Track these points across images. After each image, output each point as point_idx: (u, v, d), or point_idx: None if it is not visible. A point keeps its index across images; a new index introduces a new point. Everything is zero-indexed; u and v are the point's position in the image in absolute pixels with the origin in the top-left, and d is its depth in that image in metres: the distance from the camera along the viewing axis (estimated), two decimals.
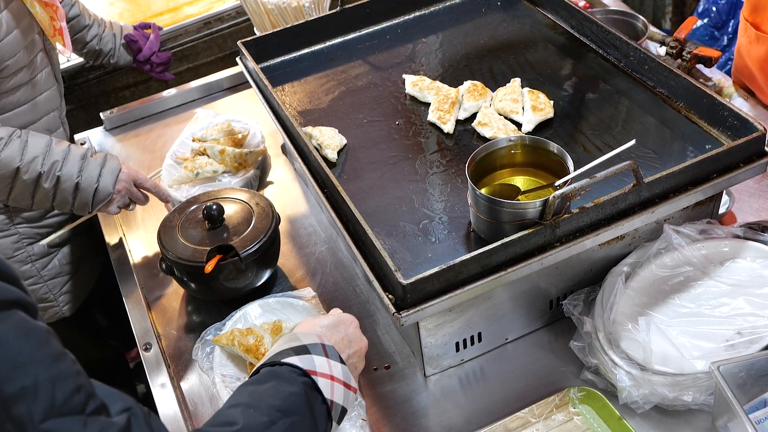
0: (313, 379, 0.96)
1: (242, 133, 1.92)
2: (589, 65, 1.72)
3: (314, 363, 0.98)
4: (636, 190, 1.28)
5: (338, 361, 1.02)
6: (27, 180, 1.56)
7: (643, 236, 1.39)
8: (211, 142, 1.89)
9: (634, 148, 1.29)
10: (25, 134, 1.58)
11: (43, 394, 0.74)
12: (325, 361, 0.99)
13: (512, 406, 1.29)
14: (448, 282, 1.21)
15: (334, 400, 0.98)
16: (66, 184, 1.58)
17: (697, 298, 1.32)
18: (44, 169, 1.56)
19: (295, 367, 0.97)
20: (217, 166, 1.82)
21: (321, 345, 1.02)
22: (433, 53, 1.86)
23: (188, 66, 2.59)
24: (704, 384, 1.20)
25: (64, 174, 1.57)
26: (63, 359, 0.78)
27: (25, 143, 1.56)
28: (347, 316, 1.19)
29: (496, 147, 1.38)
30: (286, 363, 0.97)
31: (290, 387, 0.94)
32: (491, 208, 1.28)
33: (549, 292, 1.37)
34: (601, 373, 1.28)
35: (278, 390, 0.93)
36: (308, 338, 1.03)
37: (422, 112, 1.67)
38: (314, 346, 1.01)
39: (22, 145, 1.56)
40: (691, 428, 1.23)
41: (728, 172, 1.34)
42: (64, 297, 1.95)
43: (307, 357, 0.98)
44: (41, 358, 0.75)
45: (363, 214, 1.30)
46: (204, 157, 1.85)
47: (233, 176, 1.82)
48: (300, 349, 0.99)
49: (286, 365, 0.97)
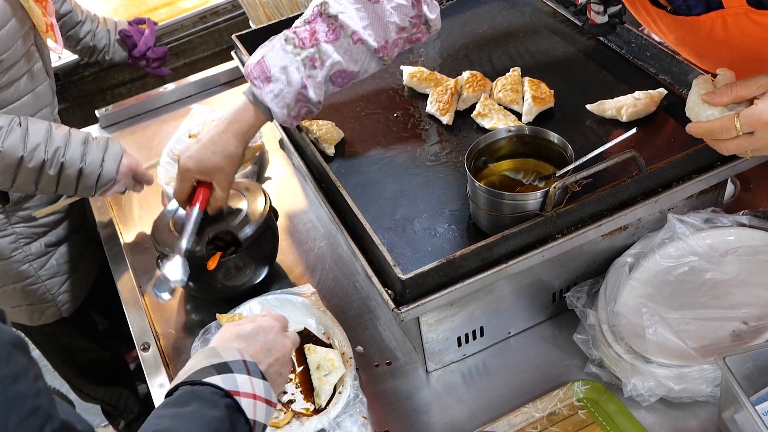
0: (236, 400, 0.94)
1: None
2: (590, 53, 1.70)
3: (237, 383, 0.95)
4: (638, 180, 1.26)
5: (260, 378, 0.99)
6: (31, 168, 1.56)
7: (647, 226, 1.38)
8: None
9: (636, 136, 1.27)
10: (24, 121, 1.58)
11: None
12: (247, 379, 0.96)
13: (516, 400, 1.27)
14: (448, 276, 1.19)
15: (256, 419, 0.96)
16: (70, 170, 1.59)
17: (702, 289, 1.31)
18: (47, 157, 1.56)
19: (218, 388, 0.93)
20: None
21: (243, 362, 0.98)
22: (431, 44, 1.84)
23: (185, 61, 2.57)
24: (710, 375, 1.18)
25: (68, 160, 1.58)
26: (22, 378, 0.74)
27: (26, 131, 1.56)
28: (267, 321, 1.13)
29: (495, 138, 1.36)
30: (208, 383, 0.93)
31: (214, 411, 0.91)
32: (491, 200, 1.26)
33: (551, 284, 1.35)
34: (605, 366, 1.27)
35: (202, 414, 0.90)
36: (229, 354, 0.99)
37: (421, 104, 1.65)
38: (236, 363, 0.97)
39: (24, 133, 1.56)
40: (697, 420, 1.21)
41: (732, 160, 1.32)
42: (62, 297, 1.94)
43: (230, 376, 0.95)
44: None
45: (361, 208, 1.29)
46: None
47: None
48: (221, 367, 0.96)
49: (207, 385, 0.93)
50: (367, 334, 1.44)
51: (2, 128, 1.53)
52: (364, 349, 1.42)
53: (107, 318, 2.33)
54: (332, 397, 1.31)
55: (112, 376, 2.33)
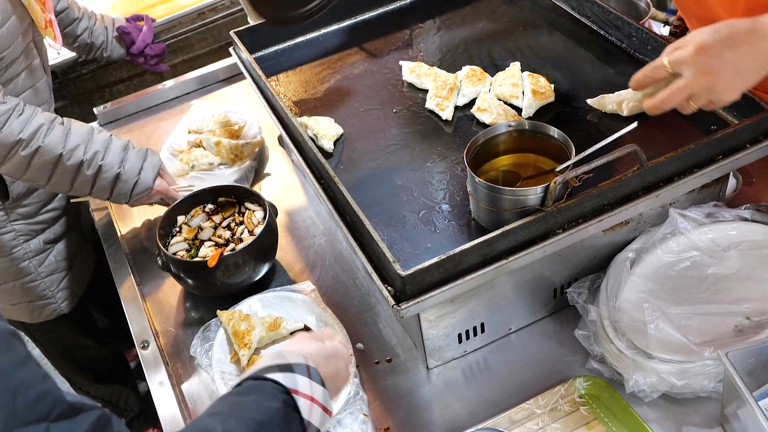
0: (294, 397, 0.97)
1: (239, 124, 1.90)
2: (590, 47, 1.69)
3: (297, 383, 0.98)
4: (640, 174, 1.25)
5: (320, 384, 1.02)
6: (69, 166, 1.56)
7: (648, 221, 1.37)
8: (207, 133, 1.87)
9: (637, 130, 1.26)
10: (67, 121, 1.59)
11: (2, 406, 0.71)
12: (307, 382, 1.00)
13: (517, 397, 1.27)
14: (449, 272, 1.18)
15: (311, 421, 0.98)
16: (107, 174, 1.59)
17: (705, 283, 1.30)
18: (86, 157, 1.57)
19: (278, 384, 0.97)
20: (213, 158, 1.80)
21: (306, 366, 1.02)
22: (430, 39, 1.83)
23: (183, 58, 2.56)
24: (713, 371, 1.17)
25: (107, 164, 1.59)
26: (27, 365, 0.76)
27: (68, 130, 1.57)
28: (343, 349, 1.16)
29: (495, 133, 1.35)
30: (270, 379, 0.97)
31: (271, 402, 0.94)
32: (491, 196, 1.25)
33: (552, 280, 1.35)
34: (607, 362, 1.26)
35: (259, 404, 0.93)
36: (294, 358, 1.03)
37: (420, 99, 1.64)
38: (299, 366, 1.01)
39: (65, 132, 1.56)
40: (699, 416, 1.21)
41: (734, 154, 1.31)
42: (62, 293, 1.94)
43: (291, 375, 0.99)
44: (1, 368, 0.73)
45: (360, 204, 1.28)
46: (200, 150, 1.83)
47: (229, 168, 1.80)
48: (285, 367, 1.00)
49: (269, 381, 0.97)
50: (367, 331, 1.44)
51: (43, 125, 1.54)
52: (364, 346, 1.41)
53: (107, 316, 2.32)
54: None
55: (112, 373, 2.32)
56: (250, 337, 1.36)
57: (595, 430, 1.21)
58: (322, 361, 1.07)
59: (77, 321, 2.06)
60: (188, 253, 1.52)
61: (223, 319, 1.42)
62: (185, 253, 1.52)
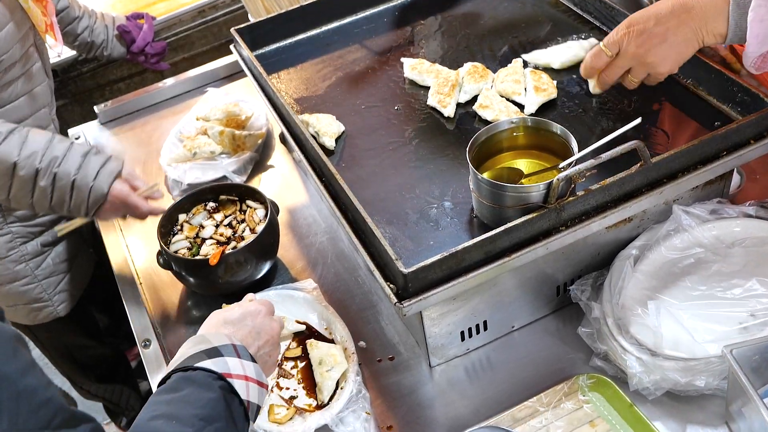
0: (229, 382, 0.95)
1: (246, 114, 1.90)
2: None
3: (228, 365, 0.96)
4: (643, 171, 1.24)
5: (250, 360, 1.01)
6: (24, 176, 1.50)
7: (652, 218, 1.36)
8: (213, 122, 1.87)
9: (640, 127, 1.26)
10: (26, 131, 1.54)
11: (5, 411, 0.71)
12: (238, 362, 0.98)
13: (520, 395, 1.26)
14: (451, 270, 1.17)
15: (250, 400, 0.98)
16: (62, 182, 1.51)
17: (709, 280, 1.29)
18: (41, 166, 1.49)
19: (211, 372, 0.94)
20: (215, 147, 1.81)
21: (232, 346, 1.00)
22: (432, 35, 1.82)
23: (183, 56, 2.55)
24: (717, 368, 1.17)
25: (61, 171, 1.50)
26: (31, 372, 0.76)
27: (24, 138, 1.51)
28: (254, 305, 1.15)
29: (497, 130, 1.34)
30: (200, 367, 0.95)
31: (208, 393, 0.92)
32: (494, 193, 1.24)
33: (555, 277, 1.34)
34: (610, 360, 1.25)
35: (197, 397, 0.92)
36: (218, 339, 1.01)
37: (422, 96, 1.63)
38: (225, 347, 0.99)
39: (22, 140, 1.50)
40: (704, 414, 1.20)
41: (738, 150, 1.31)
42: (58, 296, 1.92)
43: (221, 360, 0.97)
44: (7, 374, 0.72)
45: (362, 202, 1.27)
46: (204, 137, 1.84)
47: (229, 158, 1.80)
48: (212, 351, 0.97)
49: (200, 369, 0.95)
50: (369, 329, 1.43)
51: (1, 134, 1.50)
52: (366, 344, 1.40)
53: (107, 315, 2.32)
54: (335, 393, 1.30)
55: (113, 373, 2.32)
56: None
57: (599, 428, 1.20)
58: (244, 334, 1.07)
59: (77, 321, 2.05)
60: (190, 252, 1.51)
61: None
62: (187, 251, 1.51)
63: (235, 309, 1.13)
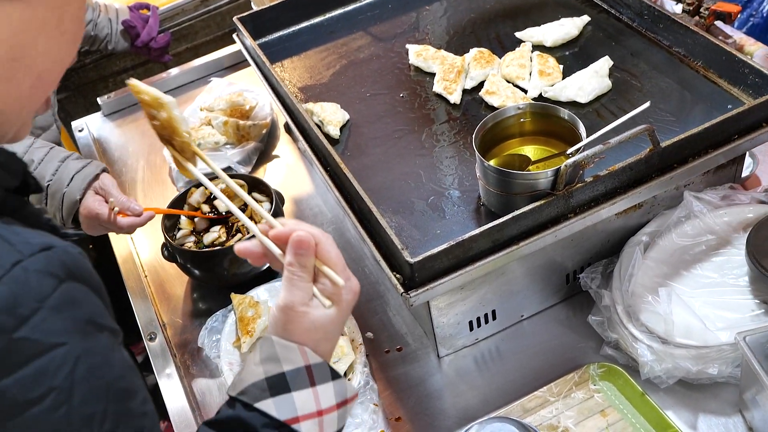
0: (294, 428, 0.79)
1: (250, 104, 1.88)
2: (601, 26, 1.65)
3: (295, 406, 0.79)
4: (653, 155, 1.22)
5: (329, 380, 0.82)
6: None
7: (662, 204, 1.34)
8: (217, 112, 1.86)
9: (650, 111, 1.24)
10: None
11: (107, 427, 0.67)
12: (310, 394, 0.80)
13: (530, 385, 1.25)
14: (458, 259, 1.16)
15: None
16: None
17: (720, 267, 1.27)
18: None
19: (270, 418, 0.78)
20: (220, 138, 1.80)
21: (305, 369, 0.80)
22: (437, 21, 1.79)
23: (187, 46, 2.54)
24: (730, 356, 1.15)
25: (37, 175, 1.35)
26: (133, 397, 0.71)
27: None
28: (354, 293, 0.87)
29: (504, 116, 1.33)
30: (259, 410, 0.79)
31: None
32: (501, 180, 1.22)
33: (565, 265, 1.32)
34: (621, 348, 1.24)
35: None
36: (290, 358, 0.80)
37: (427, 83, 1.61)
38: (296, 374, 0.80)
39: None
40: (717, 402, 1.18)
41: (750, 133, 1.28)
42: None
43: (286, 399, 0.79)
44: (115, 391, 0.69)
45: (368, 191, 1.26)
46: (209, 128, 1.83)
47: (233, 148, 1.79)
48: (277, 383, 0.79)
49: (258, 413, 0.79)
50: (376, 320, 1.42)
51: None
52: (374, 335, 1.39)
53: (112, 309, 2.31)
54: None
55: None
56: (254, 325, 1.34)
57: (610, 417, 1.18)
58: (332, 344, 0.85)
59: None
60: (195, 244, 1.50)
61: (234, 302, 1.41)
62: (192, 243, 1.50)
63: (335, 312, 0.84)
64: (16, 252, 0.64)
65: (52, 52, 0.71)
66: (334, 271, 0.83)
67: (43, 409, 0.64)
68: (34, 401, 0.63)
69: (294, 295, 0.82)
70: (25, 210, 0.71)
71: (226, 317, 1.42)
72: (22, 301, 0.63)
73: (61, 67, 0.74)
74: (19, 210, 0.71)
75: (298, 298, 0.82)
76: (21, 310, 0.63)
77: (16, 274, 0.63)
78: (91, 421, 0.66)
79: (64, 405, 0.64)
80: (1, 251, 0.64)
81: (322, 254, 0.83)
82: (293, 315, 0.82)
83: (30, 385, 0.63)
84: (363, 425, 1.24)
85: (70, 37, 0.73)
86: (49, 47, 0.71)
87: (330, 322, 0.83)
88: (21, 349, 0.63)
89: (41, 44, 0.70)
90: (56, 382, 0.64)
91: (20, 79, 0.70)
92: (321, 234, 0.84)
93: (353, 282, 0.86)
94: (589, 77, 1.48)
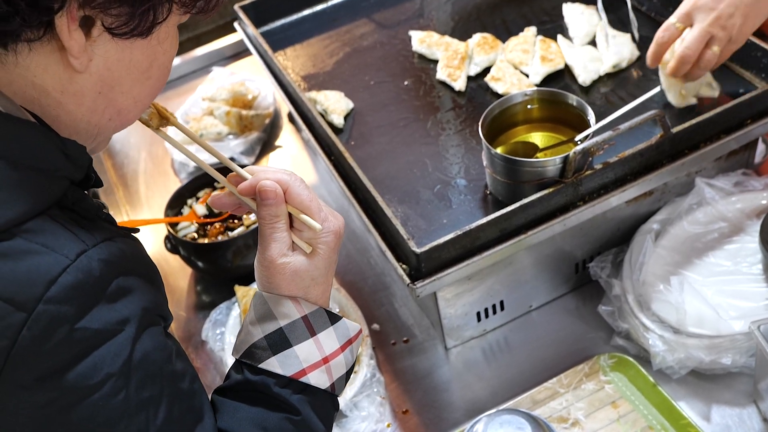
0: (302, 381, 0.79)
1: (252, 94, 1.87)
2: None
3: (299, 359, 0.78)
4: (664, 141, 1.20)
5: (328, 325, 0.80)
6: None
7: (673, 191, 1.31)
8: (219, 102, 1.84)
9: (660, 96, 1.21)
10: None
11: (162, 408, 0.71)
12: (311, 344, 0.79)
13: (539, 376, 1.23)
14: (465, 248, 1.14)
15: (335, 384, 0.82)
16: None
17: (733, 256, 1.25)
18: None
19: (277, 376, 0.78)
20: (222, 128, 1.78)
21: (302, 320, 0.79)
22: (441, 6, 1.77)
23: (188, 36, 2.51)
24: (744, 345, 1.13)
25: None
26: (183, 378, 0.75)
27: None
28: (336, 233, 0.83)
29: (510, 103, 1.30)
30: (266, 371, 0.78)
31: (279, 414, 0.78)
32: (508, 168, 1.20)
33: (574, 254, 1.30)
34: (632, 338, 1.22)
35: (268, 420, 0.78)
36: (284, 312, 0.79)
37: (432, 70, 1.59)
38: (293, 327, 0.78)
39: None
40: (731, 392, 1.16)
41: (763, 118, 1.26)
42: None
43: (289, 354, 0.78)
44: (167, 373, 0.73)
45: (372, 180, 1.24)
46: (211, 118, 1.81)
47: (236, 138, 1.77)
48: (277, 339, 0.78)
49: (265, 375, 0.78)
50: (383, 311, 1.40)
51: None
52: (380, 326, 1.38)
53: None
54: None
55: None
56: None
57: (621, 408, 1.17)
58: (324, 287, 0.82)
59: None
60: (198, 235, 1.48)
61: (238, 294, 1.39)
62: (195, 235, 1.49)
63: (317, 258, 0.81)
64: (80, 242, 0.67)
65: (134, 92, 0.76)
66: (309, 214, 0.80)
67: (102, 395, 0.67)
68: (94, 388, 0.66)
69: (271, 249, 0.80)
70: (85, 203, 0.73)
71: (230, 310, 1.41)
72: (85, 290, 0.65)
73: (141, 107, 0.78)
74: (78, 202, 0.72)
75: (275, 251, 0.80)
76: (83, 300, 0.65)
77: (82, 264, 0.65)
78: (148, 405, 0.70)
79: (123, 390, 0.68)
80: (67, 241, 0.66)
81: (292, 199, 0.81)
82: (274, 268, 0.80)
83: (90, 372, 0.66)
84: (370, 418, 1.23)
85: (155, 82, 0.77)
86: (132, 87, 0.75)
87: (314, 267, 0.81)
88: (82, 339, 0.66)
89: (126, 84, 0.74)
90: (114, 368, 0.67)
91: (101, 111, 0.74)
92: (289, 177, 0.81)
93: (332, 222, 0.82)
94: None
